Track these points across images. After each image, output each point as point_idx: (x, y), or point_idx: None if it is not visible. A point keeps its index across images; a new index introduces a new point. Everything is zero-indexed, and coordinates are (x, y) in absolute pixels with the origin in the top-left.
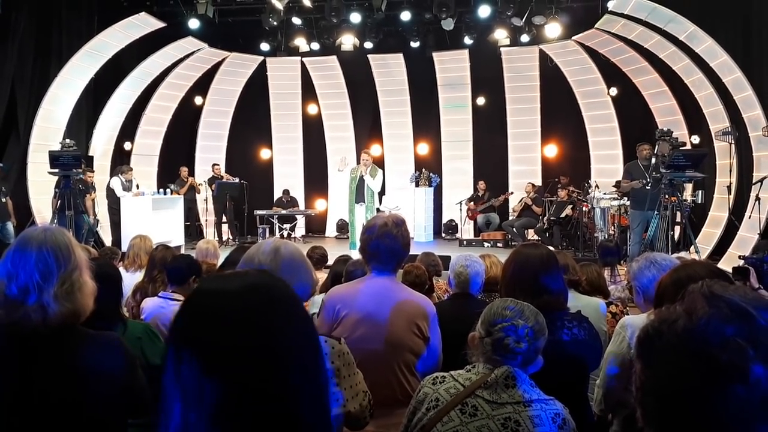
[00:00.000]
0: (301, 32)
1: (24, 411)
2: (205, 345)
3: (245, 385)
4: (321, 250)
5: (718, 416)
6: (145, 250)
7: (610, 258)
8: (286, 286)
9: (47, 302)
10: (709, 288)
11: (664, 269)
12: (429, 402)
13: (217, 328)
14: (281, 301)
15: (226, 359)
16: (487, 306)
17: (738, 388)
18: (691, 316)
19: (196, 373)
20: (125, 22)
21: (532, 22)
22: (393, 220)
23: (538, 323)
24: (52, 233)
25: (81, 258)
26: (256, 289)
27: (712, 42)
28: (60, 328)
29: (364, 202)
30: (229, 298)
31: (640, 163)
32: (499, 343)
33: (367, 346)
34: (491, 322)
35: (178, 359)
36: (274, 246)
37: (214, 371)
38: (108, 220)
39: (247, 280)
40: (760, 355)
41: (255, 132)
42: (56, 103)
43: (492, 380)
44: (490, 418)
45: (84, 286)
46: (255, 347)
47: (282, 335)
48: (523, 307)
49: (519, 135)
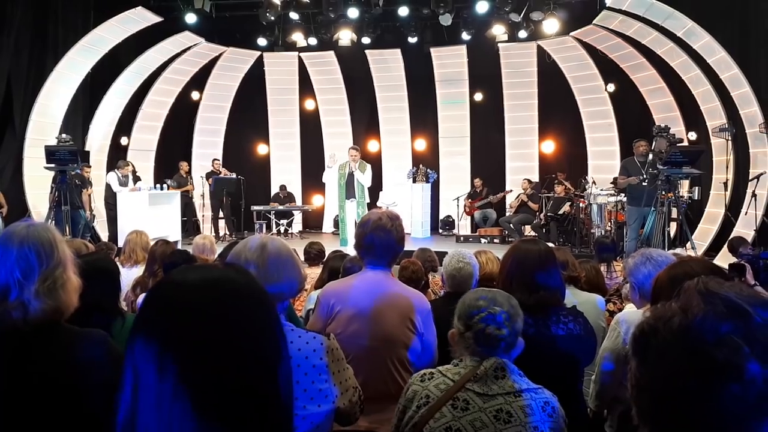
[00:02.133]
0: (299, 27)
1: (6, 410)
2: (158, 333)
3: (192, 376)
4: (318, 246)
5: (714, 414)
6: (142, 246)
7: (606, 254)
8: (252, 282)
9: (28, 299)
10: (704, 285)
11: (661, 265)
12: (419, 399)
13: (170, 317)
14: (242, 297)
15: (176, 349)
16: (459, 301)
17: (733, 385)
18: (686, 313)
19: (146, 358)
20: (122, 16)
21: (530, 17)
22: (388, 214)
23: (512, 306)
24: (35, 229)
25: (65, 254)
26: (216, 283)
27: (709, 38)
28: (42, 326)
29: (355, 197)
30: (186, 289)
31: (637, 160)
32: (480, 333)
33: (360, 341)
34: (468, 315)
35: (132, 342)
36: (261, 242)
37: (163, 359)
38: (105, 215)
39: (210, 273)
40: (755, 352)
41: (252, 127)
42: (52, 97)
43: (481, 373)
44: (482, 410)
45: (67, 282)
46: (207, 340)
47: (238, 330)
48: (494, 294)
49: (516, 131)
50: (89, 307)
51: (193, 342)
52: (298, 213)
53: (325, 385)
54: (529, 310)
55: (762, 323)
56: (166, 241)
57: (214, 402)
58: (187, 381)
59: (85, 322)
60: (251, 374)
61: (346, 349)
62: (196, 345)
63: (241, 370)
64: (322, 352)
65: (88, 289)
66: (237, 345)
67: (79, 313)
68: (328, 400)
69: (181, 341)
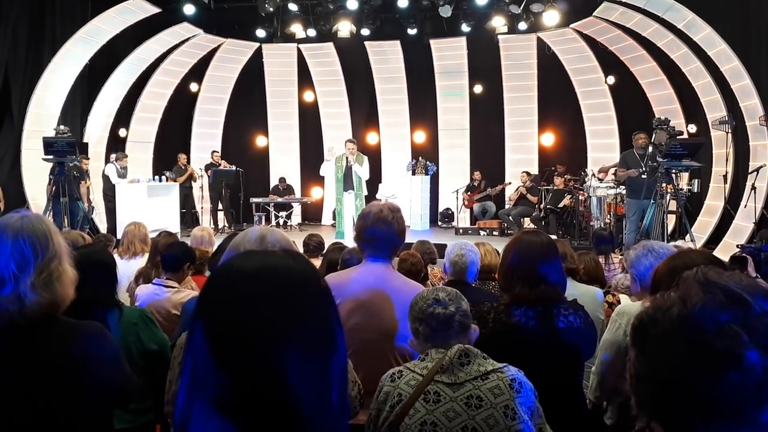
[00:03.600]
0: (298, 18)
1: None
2: (215, 320)
3: (248, 363)
4: (318, 238)
5: (713, 402)
6: (140, 238)
7: (604, 246)
8: (309, 267)
9: (24, 292)
10: (703, 274)
11: (662, 257)
12: (392, 399)
13: (227, 304)
14: (298, 284)
15: (233, 336)
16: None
17: (732, 374)
18: (685, 303)
19: (205, 346)
20: (120, 7)
21: (530, 9)
22: (389, 207)
23: (452, 292)
24: (30, 221)
25: (61, 246)
26: (274, 270)
27: (710, 30)
28: (38, 319)
29: (353, 190)
30: (244, 276)
31: (636, 152)
32: (431, 318)
33: (360, 334)
34: (417, 310)
35: (192, 330)
36: (261, 233)
37: (220, 347)
38: (103, 207)
39: (267, 260)
40: (754, 341)
41: (251, 119)
42: (50, 89)
43: (447, 363)
44: (453, 400)
45: (63, 275)
46: (261, 327)
47: (293, 319)
48: (435, 288)
49: (516, 123)
50: (85, 300)
51: (251, 330)
52: (297, 205)
53: None
54: (531, 303)
55: (761, 312)
56: (169, 233)
57: (268, 393)
58: (238, 370)
59: (81, 315)
60: (307, 363)
61: (347, 341)
62: (254, 333)
63: (297, 360)
64: None
65: (84, 281)
66: (294, 333)
67: (75, 305)
68: None
69: (241, 329)
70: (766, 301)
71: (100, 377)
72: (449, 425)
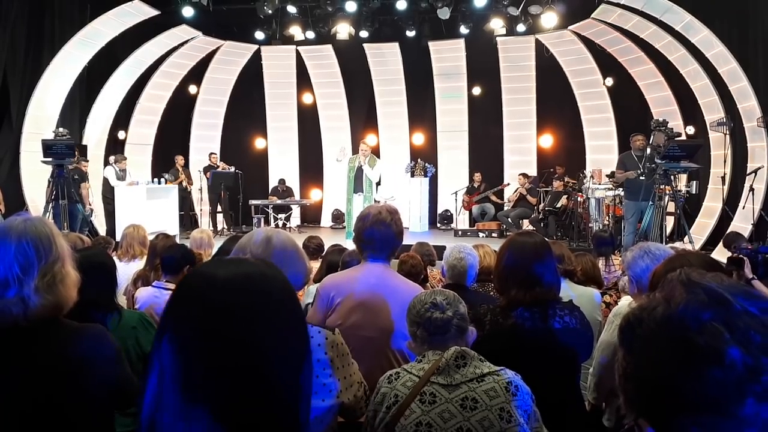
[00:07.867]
0: (296, 21)
1: (6, 407)
2: (184, 325)
3: (218, 369)
4: (317, 240)
5: (697, 397)
6: (139, 240)
7: (604, 248)
8: (281, 278)
9: (28, 295)
10: (686, 275)
11: (658, 259)
12: (389, 400)
13: (197, 311)
14: (270, 293)
15: (202, 343)
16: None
17: (714, 370)
18: (669, 303)
19: (173, 350)
20: (118, 9)
21: (529, 11)
22: (387, 208)
23: (450, 295)
24: (33, 224)
25: (63, 248)
26: (247, 278)
27: (708, 32)
28: (42, 322)
29: (363, 191)
30: (216, 284)
31: (634, 154)
32: (429, 323)
33: (361, 333)
34: (415, 314)
35: (161, 333)
36: (266, 235)
37: (189, 352)
38: (102, 209)
39: (240, 268)
40: (736, 338)
41: (250, 121)
42: (49, 91)
43: (443, 364)
44: (449, 401)
45: (66, 277)
46: (231, 334)
47: (264, 327)
48: (433, 291)
49: (514, 125)
50: (85, 302)
51: (221, 338)
52: (297, 207)
53: (329, 379)
54: (526, 304)
55: (741, 310)
56: (166, 235)
57: (237, 398)
58: (212, 377)
59: (81, 317)
60: (277, 370)
61: (347, 340)
62: (224, 341)
63: (268, 367)
64: (326, 346)
65: (84, 284)
66: (265, 340)
67: (74, 308)
68: (331, 394)
69: (210, 337)
70: (747, 300)
71: (102, 379)
72: (444, 426)
